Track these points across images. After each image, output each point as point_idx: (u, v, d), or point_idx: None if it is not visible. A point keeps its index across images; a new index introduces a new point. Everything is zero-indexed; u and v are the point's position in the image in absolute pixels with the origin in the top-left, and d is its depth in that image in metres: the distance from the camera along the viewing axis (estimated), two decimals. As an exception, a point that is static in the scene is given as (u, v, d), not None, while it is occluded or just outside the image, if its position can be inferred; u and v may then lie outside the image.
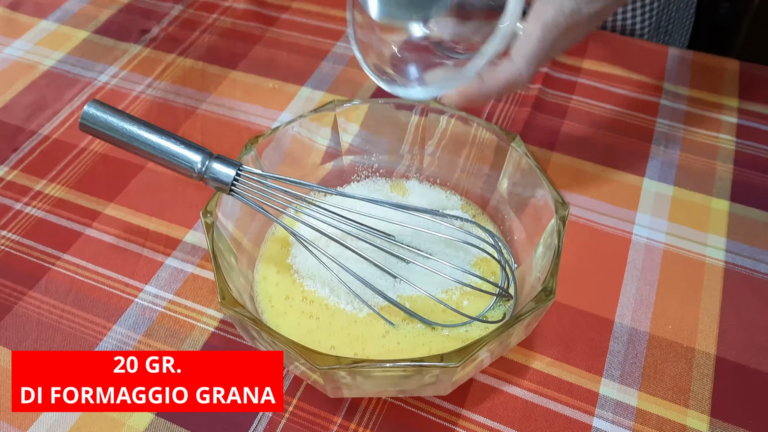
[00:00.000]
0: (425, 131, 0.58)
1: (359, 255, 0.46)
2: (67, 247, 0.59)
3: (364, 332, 0.48)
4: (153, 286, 0.56)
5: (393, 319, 0.48)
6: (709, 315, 0.53)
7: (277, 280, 0.52)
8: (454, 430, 0.47)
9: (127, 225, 0.60)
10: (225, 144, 0.67)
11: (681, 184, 0.62)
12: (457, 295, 0.50)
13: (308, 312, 0.50)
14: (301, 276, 0.51)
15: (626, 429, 0.47)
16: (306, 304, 0.50)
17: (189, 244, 0.59)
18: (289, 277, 0.52)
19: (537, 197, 0.51)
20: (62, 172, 0.65)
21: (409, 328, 0.48)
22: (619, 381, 0.49)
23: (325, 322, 0.49)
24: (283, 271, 0.52)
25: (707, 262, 0.56)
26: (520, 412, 0.48)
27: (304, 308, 0.50)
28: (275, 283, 0.52)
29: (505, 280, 0.50)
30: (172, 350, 0.51)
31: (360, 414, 0.48)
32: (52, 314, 0.54)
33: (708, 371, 0.50)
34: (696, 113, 0.69)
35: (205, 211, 0.48)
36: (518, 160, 0.52)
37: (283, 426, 0.47)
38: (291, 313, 0.50)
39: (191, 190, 0.63)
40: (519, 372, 0.50)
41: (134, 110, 0.71)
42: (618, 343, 0.51)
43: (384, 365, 0.39)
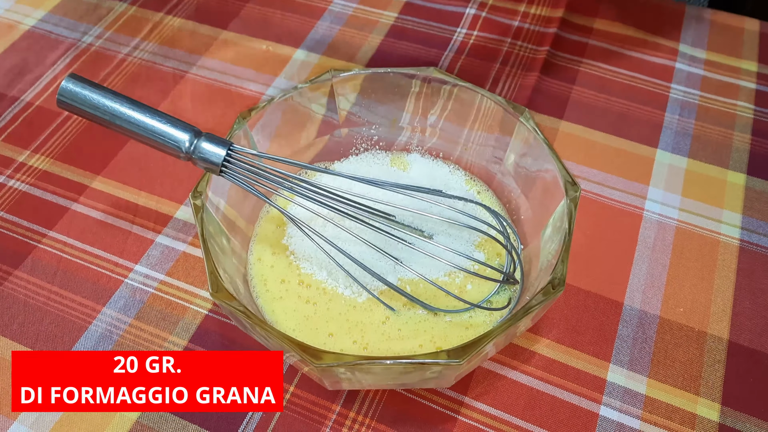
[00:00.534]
0: (427, 100, 0.54)
1: (357, 237, 0.44)
2: (53, 224, 0.56)
3: (363, 318, 0.46)
4: (143, 265, 0.53)
5: (393, 304, 0.46)
6: (722, 297, 0.51)
7: (273, 262, 0.49)
8: (457, 419, 0.46)
9: (115, 200, 0.58)
10: (216, 111, 0.64)
11: (695, 156, 0.59)
12: (461, 278, 0.48)
13: (305, 297, 0.47)
14: (297, 258, 0.49)
15: (634, 418, 0.45)
16: (303, 288, 0.48)
17: (180, 221, 0.56)
18: (285, 259, 0.49)
19: (546, 175, 0.48)
20: (46, 142, 0.62)
21: (410, 314, 0.46)
22: (628, 367, 0.48)
23: (322, 307, 0.47)
24: (278, 253, 0.50)
25: (722, 240, 0.54)
26: (525, 400, 0.46)
27: (301, 293, 0.48)
28: (270, 265, 0.49)
29: (511, 264, 0.48)
30: (165, 334, 0.49)
31: (359, 402, 0.46)
32: (39, 296, 0.52)
33: (720, 357, 0.48)
34: (713, 78, 0.65)
35: (195, 191, 0.45)
36: (526, 136, 0.49)
37: (281, 414, 0.46)
38: (287, 298, 0.47)
39: (182, 163, 0.59)
40: (524, 358, 0.48)
41: (121, 75, 0.67)
42: (627, 327, 0.49)
43: (385, 362, 0.37)
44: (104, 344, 0.49)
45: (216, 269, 0.41)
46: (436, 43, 0.69)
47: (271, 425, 0.45)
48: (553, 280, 0.40)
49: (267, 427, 0.45)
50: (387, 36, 0.70)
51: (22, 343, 0.49)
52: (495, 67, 0.67)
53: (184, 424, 0.45)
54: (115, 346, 0.49)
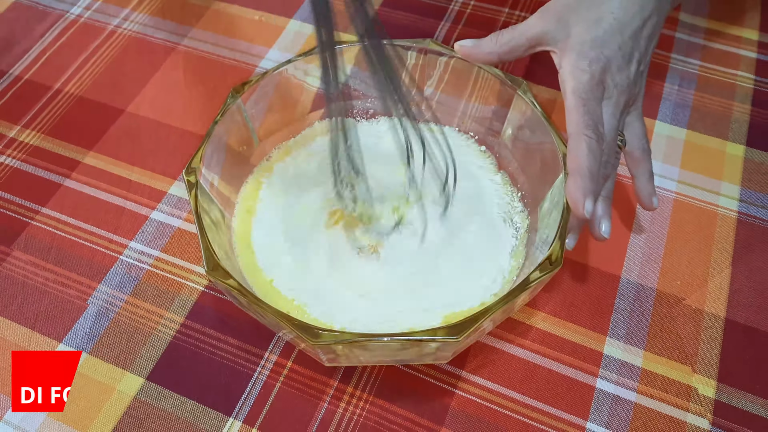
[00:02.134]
0: (423, 72, 0.54)
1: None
2: (45, 200, 0.55)
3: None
4: (138, 242, 0.53)
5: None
6: (719, 270, 0.51)
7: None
8: (454, 393, 0.46)
9: (108, 175, 0.57)
10: (209, 84, 0.63)
11: (694, 127, 0.59)
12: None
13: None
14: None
15: (630, 390, 0.46)
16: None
17: (174, 197, 0.55)
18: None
19: (544, 149, 0.47)
20: (37, 116, 0.61)
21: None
22: (624, 340, 0.48)
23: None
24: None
25: (719, 212, 0.54)
26: (522, 374, 0.47)
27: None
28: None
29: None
30: (161, 311, 0.49)
31: (357, 377, 0.46)
32: (36, 276, 0.51)
33: (716, 334, 0.48)
34: (713, 48, 0.64)
35: (189, 168, 0.45)
36: (524, 109, 0.49)
37: (278, 390, 0.46)
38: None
39: (175, 137, 0.59)
40: (521, 332, 0.48)
41: (111, 47, 0.66)
42: (624, 300, 0.49)
43: (382, 339, 0.37)
44: (101, 321, 0.49)
45: (210, 246, 0.41)
46: (432, 13, 0.68)
47: (269, 401, 0.45)
48: (550, 256, 0.40)
49: (265, 402, 0.45)
50: (382, 6, 0.69)
51: (21, 323, 0.49)
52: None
53: (183, 400, 0.46)
54: (111, 324, 0.49)
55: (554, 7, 0.46)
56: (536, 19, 0.46)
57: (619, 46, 0.43)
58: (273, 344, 0.48)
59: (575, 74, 0.43)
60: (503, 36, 0.47)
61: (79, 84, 0.63)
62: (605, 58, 0.43)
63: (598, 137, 0.42)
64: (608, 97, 0.43)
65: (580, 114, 0.42)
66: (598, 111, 0.42)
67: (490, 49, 0.48)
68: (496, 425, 0.44)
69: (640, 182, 0.47)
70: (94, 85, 0.63)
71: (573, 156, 0.42)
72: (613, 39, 0.43)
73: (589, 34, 0.43)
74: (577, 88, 0.42)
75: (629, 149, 0.47)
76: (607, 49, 0.43)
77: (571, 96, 0.42)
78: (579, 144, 0.41)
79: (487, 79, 0.51)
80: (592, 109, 0.42)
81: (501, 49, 0.47)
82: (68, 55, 0.65)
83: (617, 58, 0.43)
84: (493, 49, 0.48)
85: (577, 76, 0.43)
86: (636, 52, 0.44)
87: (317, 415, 0.45)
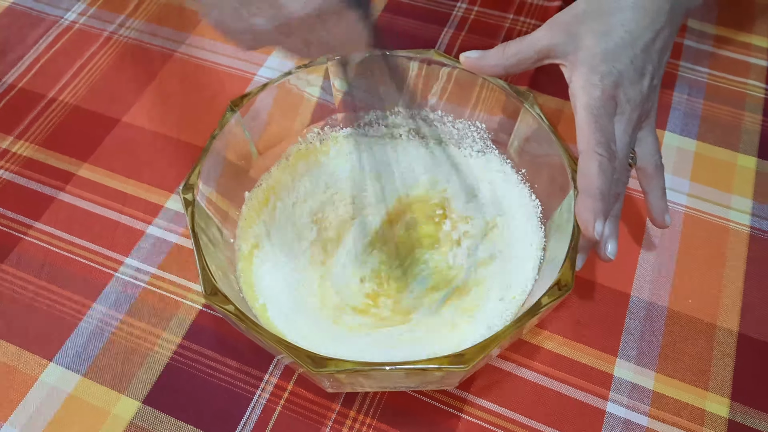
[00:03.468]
0: (426, 83, 0.52)
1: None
2: (39, 215, 0.54)
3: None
4: (134, 258, 0.51)
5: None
6: (732, 287, 0.49)
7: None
8: (460, 417, 0.44)
9: (103, 188, 0.55)
10: (206, 94, 0.61)
11: (704, 138, 0.57)
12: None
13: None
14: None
15: (642, 414, 0.44)
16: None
17: (171, 211, 0.54)
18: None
19: (552, 163, 0.46)
20: (30, 126, 0.59)
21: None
22: (635, 362, 0.46)
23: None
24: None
25: (731, 227, 0.52)
26: (530, 397, 0.45)
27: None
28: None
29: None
30: (158, 330, 0.48)
31: (359, 401, 0.45)
32: (26, 291, 0.50)
33: (729, 350, 0.47)
34: (722, 55, 0.63)
35: (186, 185, 0.43)
36: (531, 122, 0.47)
37: (278, 414, 0.45)
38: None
39: (171, 148, 0.57)
40: (528, 352, 0.47)
41: (106, 54, 0.64)
42: (634, 319, 0.48)
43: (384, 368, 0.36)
44: (96, 342, 0.47)
45: (208, 268, 0.40)
46: (434, 19, 0.67)
47: (269, 426, 0.44)
48: (560, 281, 0.38)
49: (265, 427, 0.44)
50: (384, 11, 0.67)
51: (11, 341, 0.48)
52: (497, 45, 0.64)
53: (180, 425, 0.44)
54: (107, 344, 0.47)
55: (563, 19, 0.44)
56: (544, 31, 0.45)
57: (631, 59, 0.42)
58: (273, 366, 0.46)
59: (587, 89, 0.41)
60: (510, 48, 0.46)
61: (73, 93, 0.61)
62: (617, 73, 0.41)
63: (610, 155, 0.40)
64: (621, 112, 0.42)
65: (592, 131, 0.40)
66: (610, 128, 0.41)
67: (496, 61, 0.46)
68: (504, 451, 0.43)
69: (652, 199, 0.46)
70: (89, 93, 0.61)
71: (584, 175, 0.40)
72: (625, 52, 0.42)
73: (600, 47, 0.42)
74: (589, 104, 0.41)
75: (642, 165, 0.45)
76: (619, 63, 0.42)
77: (583, 112, 0.41)
78: (590, 162, 0.40)
79: (492, 91, 0.50)
80: (604, 125, 0.41)
81: (508, 61, 0.46)
82: (63, 63, 0.64)
83: (629, 72, 0.42)
84: (499, 62, 0.46)
85: (589, 91, 0.41)
86: (649, 65, 0.43)
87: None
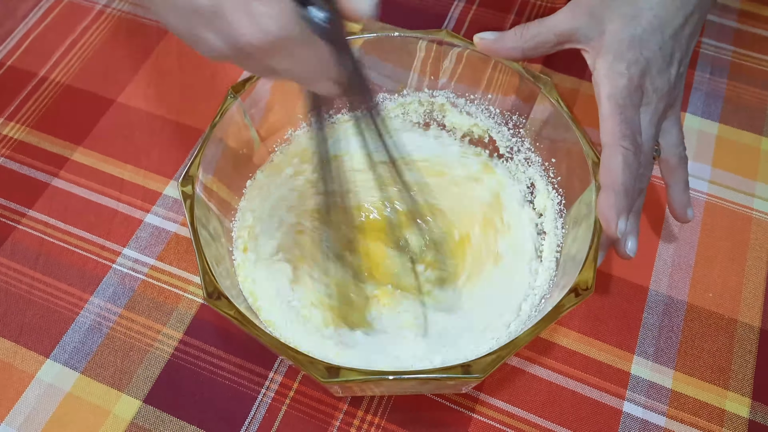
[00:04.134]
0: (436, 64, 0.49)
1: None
2: (32, 202, 0.52)
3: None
4: (132, 249, 0.49)
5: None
6: (754, 280, 0.47)
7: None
8: (472, 417, 0.43)
9: (99, 174, 0.53)
10: (205, 72, 0.58)
11: (727, 121, 0.55)
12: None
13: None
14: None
15: (660, 414, 0.43)
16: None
17: (170, 198, 0.52)
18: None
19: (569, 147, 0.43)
20: (21, 107, 0.57)
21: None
22: (653, 359, 0.45)
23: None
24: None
25: (754, 216, 0.50)
26: (544, 396, 0.44)
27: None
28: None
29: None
30: (158, 326, 0.46)
31: (367, 401, 0.43)
32: (21, 283, 0.48)
33: (751, 347, 0.45)
34: (747, 31, 0.59)
35: (186, 176, 0.41)
36: (548, 107, 0.45)
37: (284, 413, 0.43)
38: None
39: (169, 131, 0.55)
40: (543, 349, 0.45)
41: (99, 29, 0.61)
42: (652, 314, 0.46)
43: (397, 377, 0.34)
44: (94, 337, 0.46)
45: (209, 270, 0.37)
46: (444, -9, 0.63)
47: (275, 426, 0.43)
48: (579, 284, 0.36)
49: (270, 428, 0.43)
50: (390, -17, 0.64)
51: (6, 337, 0.46)
52: (510, 19, 0.61)
53: (182, 425, 0.43)
54: (105, 340, 0.46)
55: (587, 1, 0.41)
56: (566, 14, 0.42)
57: (659, 46, 0.39)
58: (278, 363, 0.45)
59: (611, 78, 0.39)
60: (529, 30, 0.43)
61: (65, 71, 0.59)
62: (645, 60, 0.39)
63: (635, 149, 0.38)
64: (647, 103, 0.39)
65: (617, 123, 0.38)
66: (636, 119, 0.39)
67: (513, 44, 0.43)
68: (517, 453, 0.42)
69: (674, 192, 0.44)
70: (82, 72, 0.59)
71: (607, 169, 0.38)
72: (653, 38, 0.39)
73: (626, 32, 0.39)
74: (614, 94, 0.38)
75: (665, 156, 0.43)
76: (647, 49, 0.39)
77: (607, 102, 0.38)
78: (615, 156, 0.38)
79: (505, 72, 0.47)
80: (629, 117, 0.38)
81: (526, 44, 0.43)
82: (53, 39, 0.61)
83: (657, 59, 0.39)
84: (517, 44, 0.43)
85: (614, 80, 0.38)
86: (677, 52, 0.40)
87: (326, 442, 0.42)
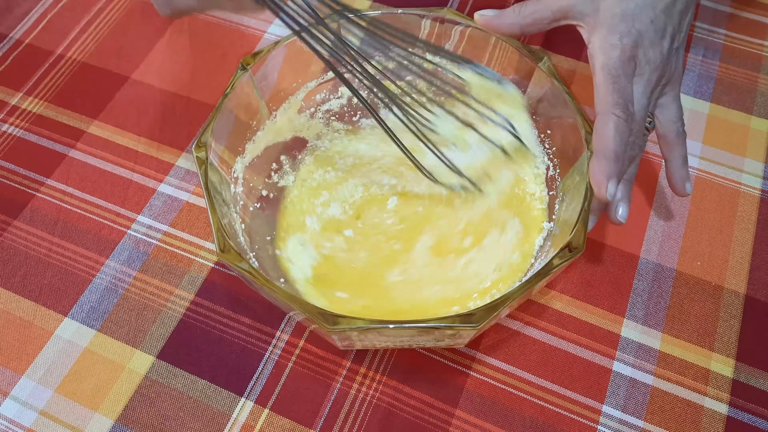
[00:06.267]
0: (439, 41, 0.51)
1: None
2: (50, 172, 0.54)
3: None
4: (146, 216, 0.52)
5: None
6: (740, 250, 0.49)
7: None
8: (469, 374, 0.45)
9: (114, 146, 0.55)
10: (216, 52, 0.61)
11: (718, 101, 0.57)
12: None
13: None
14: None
15: (647, 373, 0.45)
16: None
17: (182, 169, 0.54)
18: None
19: (564, 123, 0.46)
20: (39, 83, 0.59)
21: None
22: (642, 322, 0.47)
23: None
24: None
25: (742, 190, 0.52)
26: (538, 355, 0.46)
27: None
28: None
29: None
30: (171, 287, 0.48)
31: (370, 358, 0.46)
32: (40, 247, 0.50)
33: (736, 312, 0.47)
34: (740, 16, 0.61)
35: (199, 143, 0.43)
36: (546, 83, 0.47)
37: (290, 369, 0.45)
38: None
39: (181, 106, 0.57)
40: (536, 312, 0.47)
41: (111, 13, 0.63)
42: (643, 281, 0.48)
43: (400, 326, 0.36)
44: (110, 298, 0.48)
45: (222, 227, 0.40)
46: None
47: (281, 381, 0.45)
48: (571, 242, 0.38)
49: (277, 383, 0.45)
50: (395, -33, 0.66)
51: (27, 297, 0.48)
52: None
53: (194, 379, 0.45)
54: (120, 300, 0.48)
55: None
56: None
57: (651, 20, 0.41)
58: (285, 323, 0.47)
59: (605, 49, 0.41)
60: (527, 7, 0.45)
61: (82, 49, 0.61)
62: (637, 32, 0.41)
63: (627, 117, 0.40)
64: (640, 74, 0.41)
65: (610, 91, 0.40)
66: (628, 88, 0.41)
67: (512, 21, 0.46)
68: (511, 408, 0.44)
69: (673, 166, 0.46)
70: (98, 50, 0.61)
71: (599, 135, 0.40)
72: (645, 13, 0.41)
73: (620, 7, 0.41)
74: (607, 64, 0.40)
75: (663, 132, 0.45)
76: (639, 22, 0.41)
77: (601, 72, 0.41)
78: (607, 123, 0.40)
79: (505, 50, 0.49)
80: (622, 86, 0.40)
81: (524, 21, 0.45)
82: (70, 18, 0.63)
83: (650, 32, 0.41)
84: (515, 21, 0.45)
85: (607, 52, 0.41)
86: (669, 26, 0.42)
87: (330, 396, 0.44)
